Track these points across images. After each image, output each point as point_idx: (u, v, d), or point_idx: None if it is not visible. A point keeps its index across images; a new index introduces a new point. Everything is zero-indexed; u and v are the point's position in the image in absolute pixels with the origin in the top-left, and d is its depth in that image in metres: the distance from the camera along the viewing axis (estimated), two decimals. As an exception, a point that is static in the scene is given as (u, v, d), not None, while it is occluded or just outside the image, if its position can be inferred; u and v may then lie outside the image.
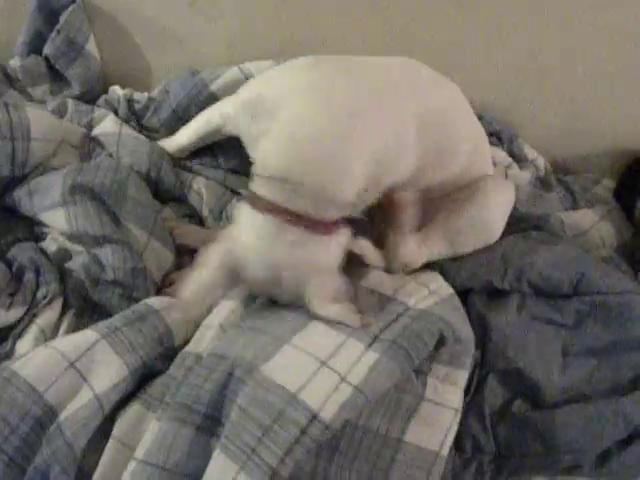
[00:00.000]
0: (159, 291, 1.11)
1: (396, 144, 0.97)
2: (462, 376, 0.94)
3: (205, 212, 1.27)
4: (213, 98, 1.32)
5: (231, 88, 1.26)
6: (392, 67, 1.06)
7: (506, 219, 1.13)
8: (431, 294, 1.00)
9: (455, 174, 1.12)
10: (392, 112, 0.98)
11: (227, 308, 1.01)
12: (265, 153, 0.95)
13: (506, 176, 1.47)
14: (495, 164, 1.34)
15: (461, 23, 1.41)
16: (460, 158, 1.12)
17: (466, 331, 0.96)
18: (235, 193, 1.30)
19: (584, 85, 1.47)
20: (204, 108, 1.29)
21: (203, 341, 0.96)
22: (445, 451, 0.86)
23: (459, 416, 0.90)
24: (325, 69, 1.02)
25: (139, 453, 0.81)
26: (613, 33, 1.39)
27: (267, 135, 0.95)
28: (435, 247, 1.09)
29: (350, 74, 1.00)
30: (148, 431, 0.83)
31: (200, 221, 1.28)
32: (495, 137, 1.48)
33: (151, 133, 1.39)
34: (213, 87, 1.33)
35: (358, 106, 0.95)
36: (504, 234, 1.15)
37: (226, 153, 1.31)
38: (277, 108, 0.96)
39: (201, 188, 1.28)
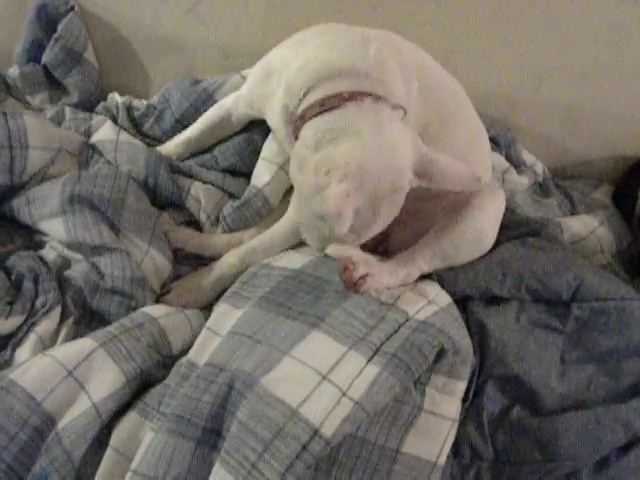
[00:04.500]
0: (157, 299, 1.11)
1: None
2: (460, 387, 0.94)
3: (203, 218, 1.27)
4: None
5: (234, 95, 1.28)
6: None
7: (498, 228, 1.12)
8: (430, 303, 1.00)
9: (455, 157, 1.12)
10: (397, 54, 1.01)
11: (218, 312, 1.01)
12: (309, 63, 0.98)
13: (503, 181, 1.47)
14: (492, 168, 1.34)
15: (457, 29, 1.42)
16: (460, 129, 1.12)
17: (465, 342, 0.96)
18: (232, 197, 1.30)
19: (581, 90, 1.48)
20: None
21: (196, 346, 0.96)
22: (442, 461, 0.86)
23: (456, 426, 0.90)
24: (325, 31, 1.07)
25: (136, 465, 0.81)
26: (610, 37, 1.39)
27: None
28: (426, 263, 1.08)
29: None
30: (145, 442, 0.83)
31: (198, 227, 1.28)
32: (493, 143, 1.48)
33: (152, 141, 1.39)
34: (217, 96, 1.34)
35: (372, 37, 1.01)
36: (502, 240, 1.14)
37: (225, 152, 1.31)
38: (285, 65, 1.02)
39: (199, 193, 1.28)
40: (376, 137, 0.88)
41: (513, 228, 1.21)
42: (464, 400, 0.94)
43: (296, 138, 0.96)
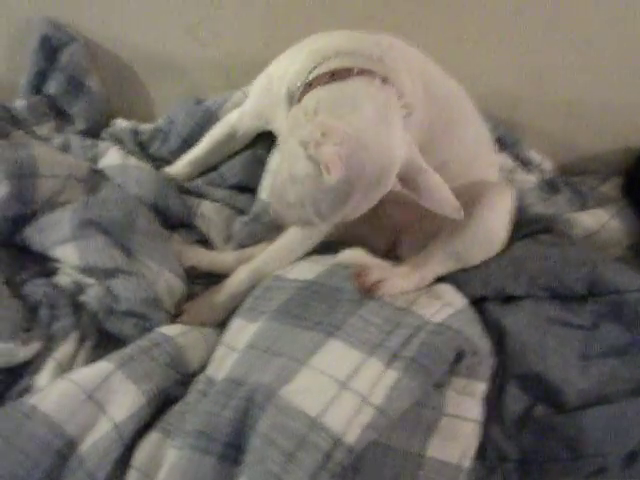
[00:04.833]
0: (171, 321, 1.11)
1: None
2: (480, 388, 0.93)
3: (213, 236, 1.27)
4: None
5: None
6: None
7: (508, 226, 1.11)
8: (445, 306, 1.00)
9: (461, 161, 1.12)
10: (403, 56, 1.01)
11: (233, 327, 1.01)
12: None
13: (511, 181, 1.47)
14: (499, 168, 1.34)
15: (457, 29, 1.43)
16: (466, 136, 1.12)
17: (483, 343, 0.96)
18: (241, 213, 1.31)
19: (582, 84, 1.48)
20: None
21: (213, 363, 0.96)
22: (467, 463, 0.85)
23: (479, 428, 0.89)
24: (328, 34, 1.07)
25: None
26: (612, 29, 1.39)
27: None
28: (439, 266, 1.07)
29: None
30: (167, 460, 0.83)
31: (210, 245, 1.28)
32: (499, 143, 1.48)
33: (159, 163, 1.41)
34: (220, 114, 1.36)
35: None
36: (514, 239, 1.14)
37: (231, 169, 1.33)
38: (285, 74, 1.03)
39: (208, 212, 1.29)
40: (378, 119, 0.85)
41: (524, 226, 1.20)
42: (487, 401, 0.93)
43: None
